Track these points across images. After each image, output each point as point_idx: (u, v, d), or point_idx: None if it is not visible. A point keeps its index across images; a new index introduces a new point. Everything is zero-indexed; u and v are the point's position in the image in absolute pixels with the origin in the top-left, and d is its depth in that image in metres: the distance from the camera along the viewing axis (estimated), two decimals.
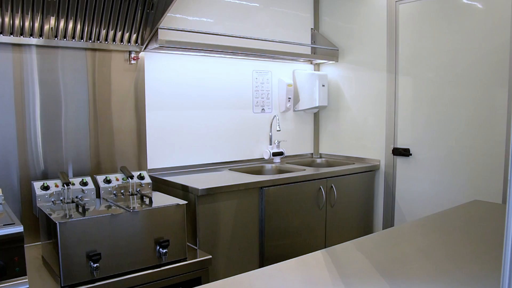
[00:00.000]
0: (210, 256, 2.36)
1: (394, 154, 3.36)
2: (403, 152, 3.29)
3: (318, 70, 3.95)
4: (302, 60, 3.77)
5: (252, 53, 3.30)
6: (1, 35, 2.34)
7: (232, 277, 1.38)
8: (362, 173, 3.38)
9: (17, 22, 2.36)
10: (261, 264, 2.80)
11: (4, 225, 1.82)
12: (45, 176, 2.54)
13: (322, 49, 3.78)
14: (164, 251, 2.15)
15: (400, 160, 3.34)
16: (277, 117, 3.55)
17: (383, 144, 3.43)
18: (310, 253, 1.59)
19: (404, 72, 3.26)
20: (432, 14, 3.07)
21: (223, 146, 3.40)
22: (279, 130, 3.54)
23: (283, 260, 1.51)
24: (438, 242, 1.75)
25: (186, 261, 2.26)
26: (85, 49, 2.67)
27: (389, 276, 1.37)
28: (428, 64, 3.12)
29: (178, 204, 2.22)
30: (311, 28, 3.87)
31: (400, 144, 3.32)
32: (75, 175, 2.63)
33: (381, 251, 1.64)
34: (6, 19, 2.32)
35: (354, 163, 3.51)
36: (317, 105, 3.73)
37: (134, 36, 2.73)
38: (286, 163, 3.60)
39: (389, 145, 3.39)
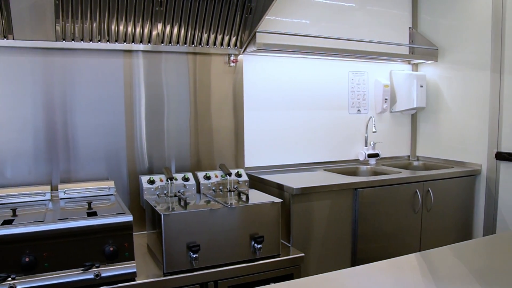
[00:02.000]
0: (303, 254, 2.40)
1: (497, 159, 3.16)
2: (507, 157, 3.08)
3: (416, 70, 3.83)
4: (399, 60, 3.68)
5: (348, 54, 3.29)
6: (116, 43, 2.59)
7: (324, 274, 1.41)
8: (461, 178, 3.23)
9: (129, 29, 2.58)
10: (353, 265, 2.78)
11: (116, 214, 2.01)
12: (150, 171, 2.77)
13: (420, 49, 3.66)
14: (259, 246, 2.23)
15: (504, 165, 3.13)
16: (373, 118, 3.51)
17: (485, 148, 3.25)
18: (404, 256, 1.57)
19: (511, 71, 3.06)
20: None
21: (318, 146, 3.42)
22: (375, 132, 3.49)
23: None
24: None
25: (279, 257, 2.32)
26: (187, 53, 2.85)
27: (486, 284, 1.31)
28: None
29: (273, 202, 2.29)
30: (409, 27, 3.76)
31: (505, 148, 3.12)
32: (177, 171, 2.83)
33: (479, 259, 1.57)
34: (121, 27, 2.55)
35: (453, 167, 3.36)
36: (414, 106, 3.63)
37: (233, 40, 2.86)
38: (382, 165, 3.54)
39: (492, 149, 3.19)
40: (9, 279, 1.81)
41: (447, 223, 3.19)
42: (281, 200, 2.33)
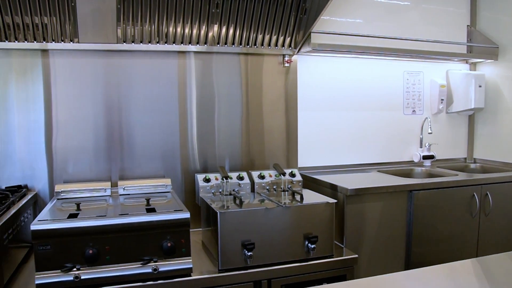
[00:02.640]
0: (357, 255, 2.38)
1: None
2: None
3: (475, 70, 3.71)
4: (456, 59, 3.58)
5: (403, 54, 3.23)
6: (174, 44, 2.66)
7: (379, 276, 1.40)
8: None
9: (185, 31, 2.65)
10: (406, 269, 2.73)
11: (174, 210, 2.07)
12: (204, 169, 2.84)
13: (479, 47, 3.54)
14: (313, 246, 2.23)
15: None
16: (428, 119, 3.43)
17: None
18: (460, 261, 1.53)
19: None
20: None
21: (372, 147, 3.38)
22: (431, 133, 3.41)
23: None
24: None
25: (333, 258, 2.31)
26: (239, 53, 2.89)
27: None
28: None
29: (327, 202, 2.29)
30: (467, 25, 3.65)
31: None
32: (230, 170, 2.87)
33: None
34: (178, 29, 2.63)
35: None
36: (472, 107, 3.51)
37: (288, 40, 2.87)
38: (437, 167, 3.45)
39: None
40: (74, 269, 1.90)
41: (506, 228, 3.06)
42: (335, 201, 2.32)
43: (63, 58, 2.59)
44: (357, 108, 3.31)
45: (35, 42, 2.48)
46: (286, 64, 2.95)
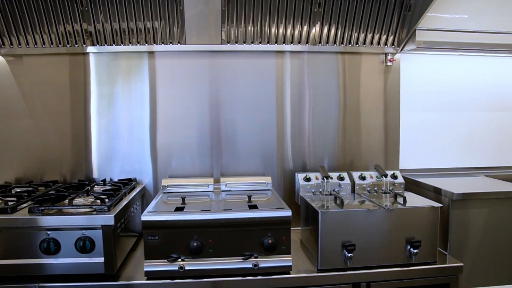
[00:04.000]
0: (462, 264, 2.26)
1: None
2: None
3: None
4: None
5: None
6: (276, 44, 2.70)
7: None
8: None
9: (287, 31, 2.67)
10: None
11: (276, 208, 2.10)
12: (298, 168, 2.86)
13: None
14: (415, 251, 2.15)
15: None
16: None
17: None
18: None
19: None
20: None
21: (480, 150, 3.18)
22: None
23: None
24: None
25: (436, 264, 2.21)
26: (337, 52, 2.86)
27: None
28: None
29: (432, 206, 2.19)
30: None
31: None
32: (327, 170, 2.85)
33: None
34: (280, 30, 2.66)
35: None
36: None
37: (390, 38, 2.79)
38: None
39: None
40: (179, 260, 2.00)
41: None
42: (441, 205, 2.22)
43: (168, 59, 2.74)
44: (464, 108, 3.13)
45: (138, 45, 2.65)
46: (389, 63, 2.86)
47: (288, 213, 2.04)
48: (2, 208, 2.01)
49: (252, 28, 2.64)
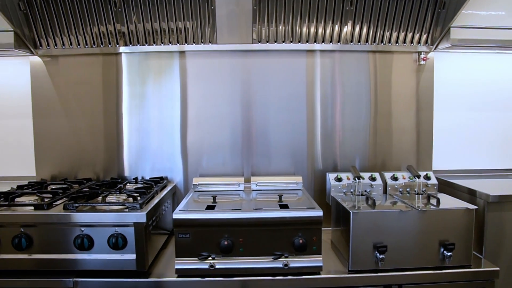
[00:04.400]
0: (498, 268, 2.19)
1: None
2: None
3: None
4: None
5: None
6: (307, 43, 2.69)
7: None
8: None
9: (318, 30, 2.66)
10: None
11: (307, 208, 2.09)
12: (328, 168, 2.83)
13: None
14: (449, 254, 2.10)
15: None
16: None
17: None
18: None
19: None
20: None
21: None
22: None
23: None
24: None
25: (470, 268, 2.16)
26: (368, 51, 2.82)
27: None
28: None
29: (467, 208, 2.14)
30: None
31: None
32: (360, 170, 2.82)
33: None
34: (312, 29, 2.65)
35: None
36: None
37: (424, 37, 2.74)
38: None
39: None
40: (210, 258, 2.01)
41: None
42: (476, 207, 2.16)
43: (199, 59, 2.76)
44: (500, 108, 3.04)
45: (170, 44, 2.68)
46: (422, 62, 2.81)
47: (319, 213, 2.03)
48: (39, 204, 2.06)
49: (283, 27, 2.64)
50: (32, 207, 2.07)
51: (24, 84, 2.84)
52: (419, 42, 2.76)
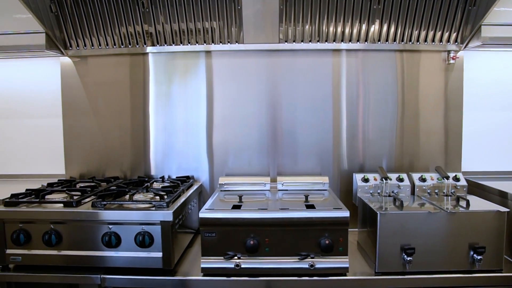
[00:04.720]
0: None
1: None
2: None
3: None
4: None
5: None
6: (334, 42, 2.67)
7: None
8: None
9: (345, 29, 2.63)
10: None
11: (334, 208, 2.07)
12: (353, 169, 2.81)
13: None
14: (479, 257, 2.05)
15: None
16: None
17: None
18: None
19: None
20: None
21: None
22: None
23: None
24: None
25: (501, 273, 2.11)
26: (395, 50, 2.78)
27: None
28: None
29: (498, 211, 2.09)
30: None
31: None
32: (386, 171, 2.78)
33: None
34: (339, 28, 2.63)
35: None
36: None
37: (453, 35, 2.69)
38: None
39: None
40: (235, 257, 2.01)
41: None
42: (508, 210, 2.11)
43: (225, 58, 2.76)
44: None
45: (197, 44, 2.70)
46: (451, 61, 2.75)
47: (346, 213, 2.01)
48: (68, 202, 2.10)
49: (310, 27, 2.63)
50: (61, 205, 2.12)
51: (55, 84, 2.90)
52: (448, 40, 2.71)
